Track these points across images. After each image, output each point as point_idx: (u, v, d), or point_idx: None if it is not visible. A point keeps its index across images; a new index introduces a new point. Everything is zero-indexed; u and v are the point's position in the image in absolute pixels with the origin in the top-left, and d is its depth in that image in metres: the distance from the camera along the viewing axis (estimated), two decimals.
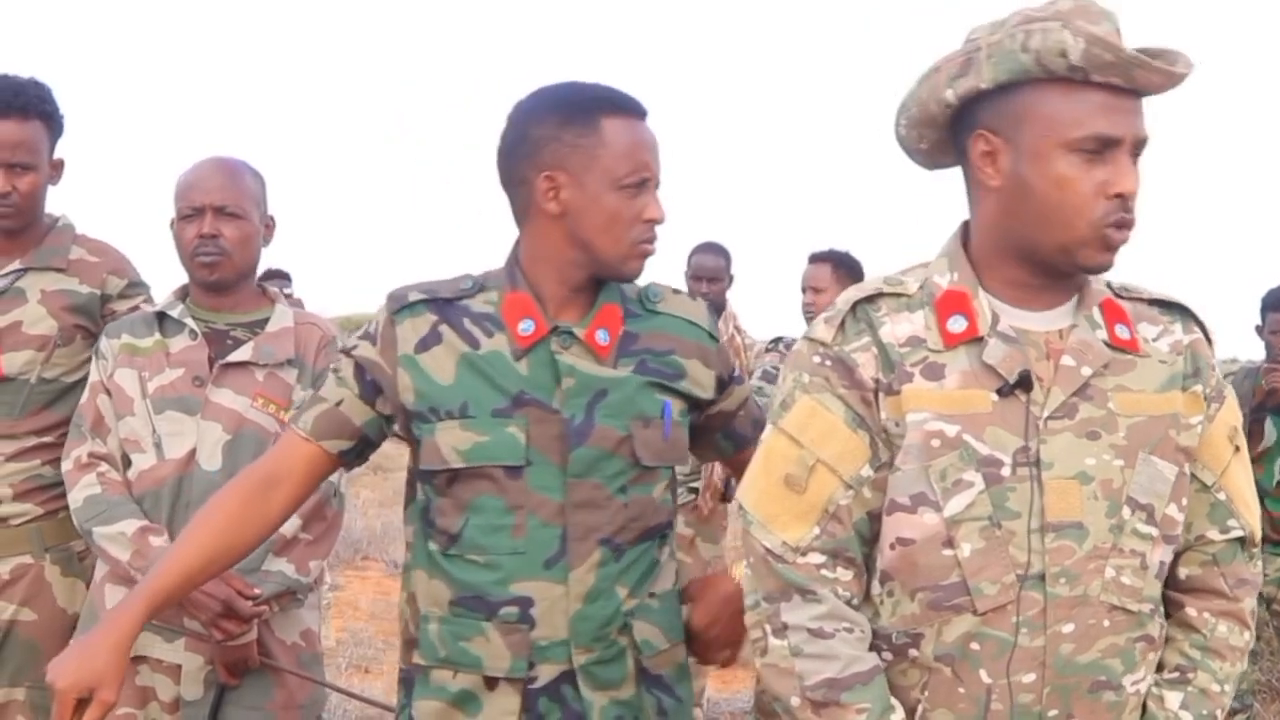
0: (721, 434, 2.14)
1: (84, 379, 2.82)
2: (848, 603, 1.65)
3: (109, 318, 2.85)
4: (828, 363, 1.67)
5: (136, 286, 2.93)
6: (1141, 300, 1.71)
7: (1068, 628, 1.58)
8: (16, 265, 2.81)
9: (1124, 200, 1.56)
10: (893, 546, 1.63)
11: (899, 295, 1.68)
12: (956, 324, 1.64)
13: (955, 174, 1.73)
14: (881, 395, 1.64)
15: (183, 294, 2.70)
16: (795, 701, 1.62)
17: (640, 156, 1.91)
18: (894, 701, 1.63)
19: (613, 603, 1.91)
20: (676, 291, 2.08)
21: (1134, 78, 1.55)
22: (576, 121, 1.90)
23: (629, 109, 1.94)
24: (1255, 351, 5.27)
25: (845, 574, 1.65)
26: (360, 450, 2.03)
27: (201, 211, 2.59)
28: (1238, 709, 4.90)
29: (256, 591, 2.46)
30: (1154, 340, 1.68)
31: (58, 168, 2.87)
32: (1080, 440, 1.59)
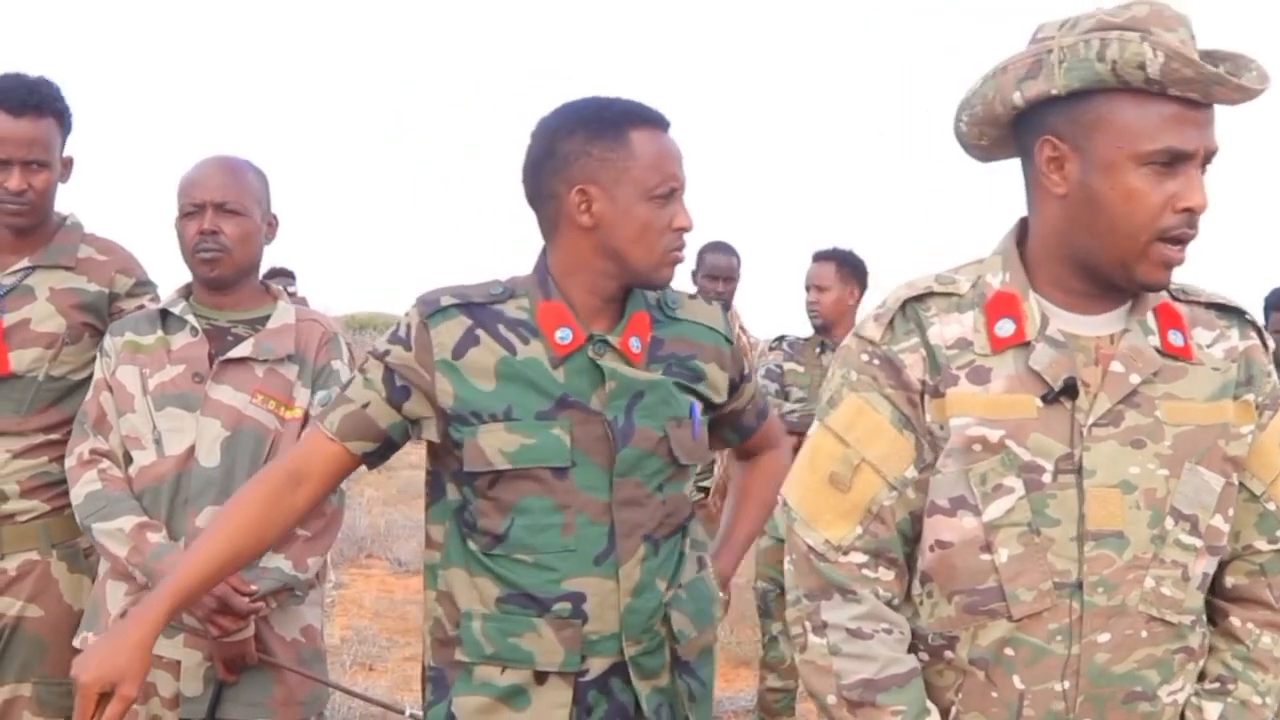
0: (729, 428, 2.25)
1: (91, 377, 2.84)
2: (888, 603, 1.66)
3: (116, 316, 2.86)
4: (876, 361, 1.66)
5: (144, 285, 2.95)
6: (1199, 303, 1.69)
7: (1104, 637, 1.57)
8: (25, 263, 2.83)
9: (1190, 215, 1.54)
10: (932, 549, 1.64)
11: (949, 295, 1.67)
12: (1004, 328, 1.62)
13: (964, 174, 1.74)
14: (927, 397, 1.63)
15: (186, 292, 2.72)
16: (831, 700, 1.64)
17: (668, 168, 1.97)
18: (929, 705, 1.63)
19: (655, 595, 2.00)
20: (692, 297, 2.16)
21: (1211, 94, 1.52)
22: (606, 136, 1.96)
23: (654, 121, 1.99)
24: None
25: (887, 574, 1.66)
26: (383, 452, 2.07)
27: (202, 208, 2.61)
28: None
29: (253, 588, 2.47)
30: (1209, 346, 1.65)
31: (68, 165, 2.89)
32: (1124, 448, 1.58)
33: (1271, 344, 1.71)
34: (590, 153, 1.95)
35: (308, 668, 2.63)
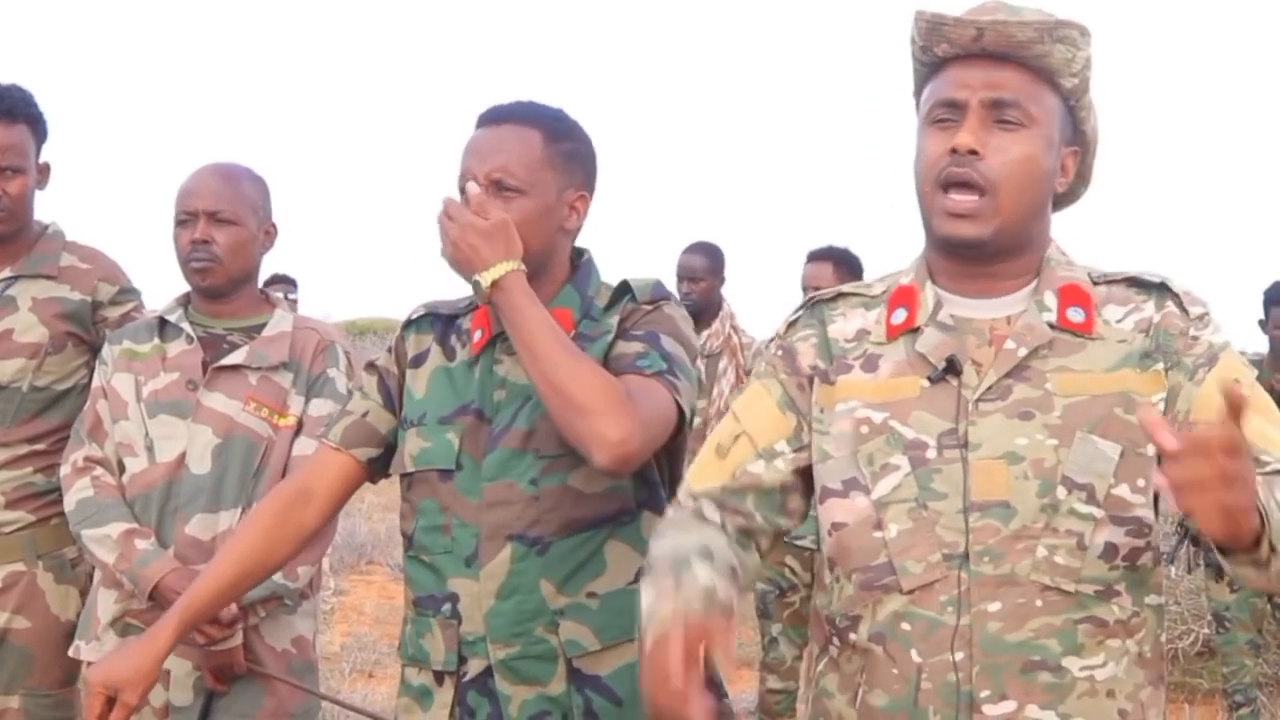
0: None
1: (76, 386, 2.83)
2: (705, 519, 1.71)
3: (100, 324, 2.86)
4: (779, 352, 1.77)
5: (128, 293, 2.94)
6: (1118, 282, 1.69)
7: (994, 606, 1.57)
8: (7, 273, 2.82)
9: (955, 155, 1.60)
10: (830, 533, 1.68)
11: (859, 295, 1.76)
12: (898, 316, 1.69)
13: (895, 153, 1.79)
14: (816, 381, 1.71)
15: (185, 300, 2.71)
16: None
17: (464, 160, 1.98)
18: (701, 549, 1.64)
19: (533, 599, 1.91)
20: (653, 304, 2.02)
21: (954, 39, 1.63)
22: None
23: (479, 119, 2.02)
24: (1259, 344, 5.25)
25: (729, 521, 1.71)
26: (387, 459, 2.09)
27: (196, 217, 2.59)
28: (1241, 702, 4.89)
29: None
30: (1118, 321, 1.65)
31: (44, 172, 2.88)
32: (1011, 420, 1.60)
33: (1199, 310, 1.65)
34: None
35: (299, 678, 2.61)
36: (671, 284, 4.83)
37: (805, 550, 4.44)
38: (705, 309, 5.03)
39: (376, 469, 2.10)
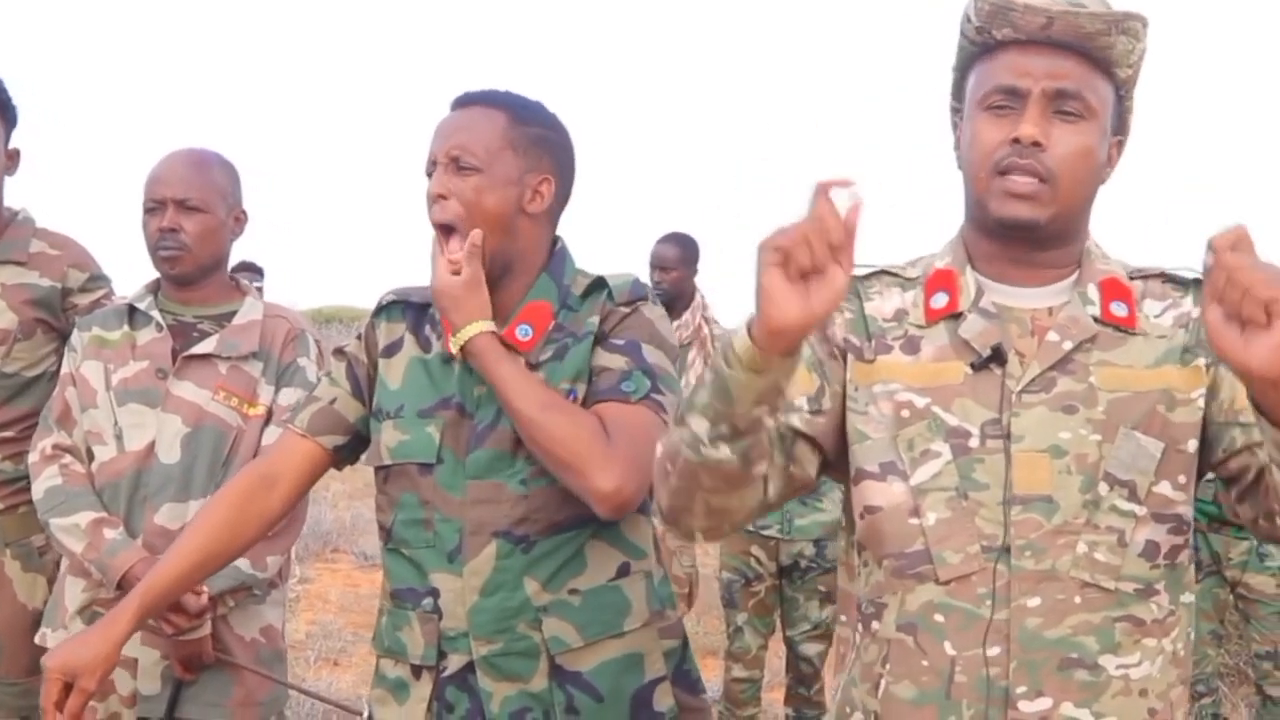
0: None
1: (45, 373, 2.81)
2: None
3: (70, 311, 2.84)
4: None
5: (98, 280, 2.92)
6: (1155, 277, 1.69)
7: (1033, 602, 1.56)
8: None
9: (1018, 146, 1.58)
10: (862, 515, 1.65)
11: (896, 275, 1.73)
12: (938, 300, 1.67)
13: (932, 167, 1.77)
14: (850, 358, 1.67)
15: (154, 287, 2.69)
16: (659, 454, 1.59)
17: (431, 142, 1.99)
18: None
19: (517, 596, 1.92)
20: (635, 303, 2.02)
21: (1017, 24, 1.59)
22: None
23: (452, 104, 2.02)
24: None
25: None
26: (354, 446, 2.09)
27: (164, 205, 2.58)
28: (1204, 692, 4.94)
29: (203, 587, 2.43)
30: (1157, 316, 1.65)
31: (14, 158, 2.85)
32: (1055, 414, 1.59)
33: None
34: None
35: (267, 668, 2.61)
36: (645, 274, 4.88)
37: (771, 540, 4.47)
38: (677, 299, 5.05)
39: (342, 456, 2.09)
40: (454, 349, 1.91)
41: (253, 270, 7.17)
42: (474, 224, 1.92)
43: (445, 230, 1.94)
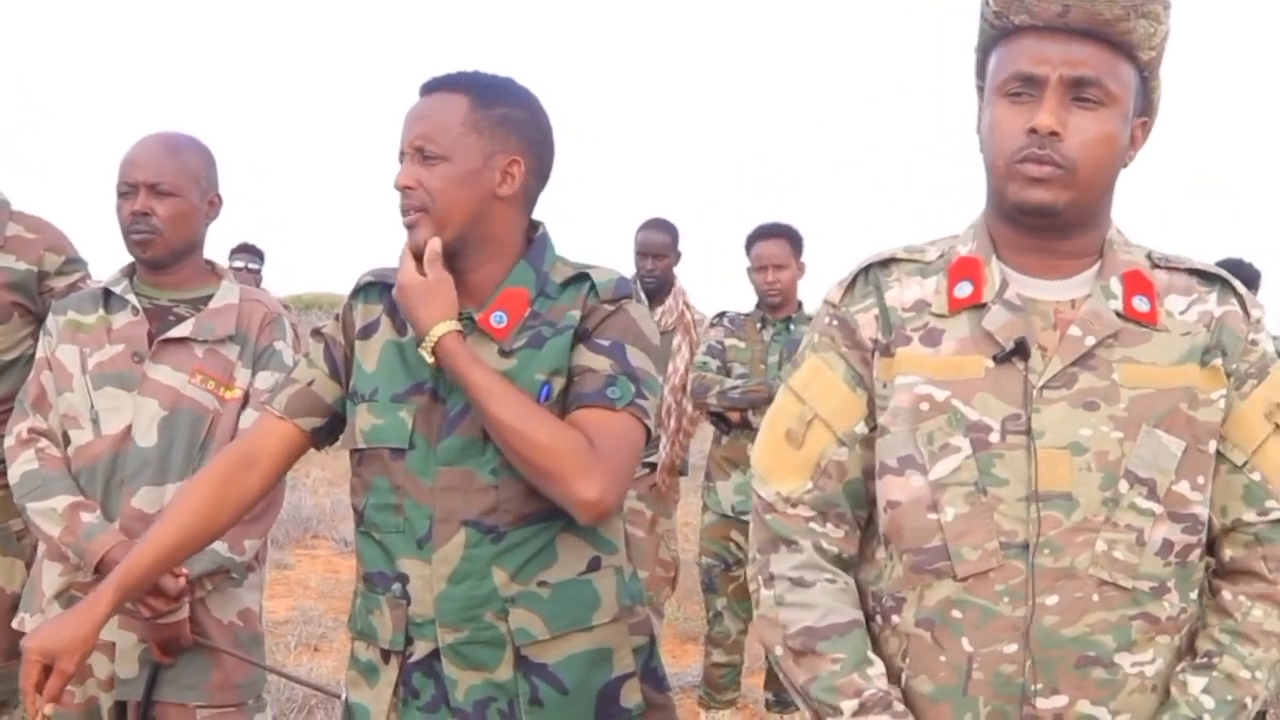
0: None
1: (22, 357, 2.81)
2: (835, 559, 1.66)
3: (47, 294, 2.83)
4: (834, 323, 1.71)
5: (74, 263, 2.91)
6: (1180, 270, 1.68)
7: (1051, 599, 1.55)
8: None
9: (1036, 136, 1.57)
10: (885, 510, 1.64)
11: (915, 261, 1.71)
12: (962, 289, 1.65)
13: (933, 168, 1.76)
14: (877, 355, 1.66)
15: (130, 271, 2.68)
16: (779, 651, 1.64)
17: (400, 133, 1.98)
18: (872, 655, 1.63)
19: (485, 585, 1.91)
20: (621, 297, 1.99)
21: (1036, 11, 1.58)
22: None
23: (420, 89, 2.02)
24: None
25: (835, 531, 1.67)
26: (331, 428, 2.08)
27: (136, 188, 2.57)
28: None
29: (184, 569, 2.44)
30: (1180, 313, 1.64)
31: None
32: (1076, 410, 1.58)
33: (1258, 314, 1.66)
34: None
35: (245, 651, 2.61)
36: (628, 267, 4.86)
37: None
38: (663, 286, 5.06)
39: (320, 438, 2.09)
40: (424, 351, 1.89)
41: (253, 252, 7.08)
42: (443, 212, 1.92)
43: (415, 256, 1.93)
